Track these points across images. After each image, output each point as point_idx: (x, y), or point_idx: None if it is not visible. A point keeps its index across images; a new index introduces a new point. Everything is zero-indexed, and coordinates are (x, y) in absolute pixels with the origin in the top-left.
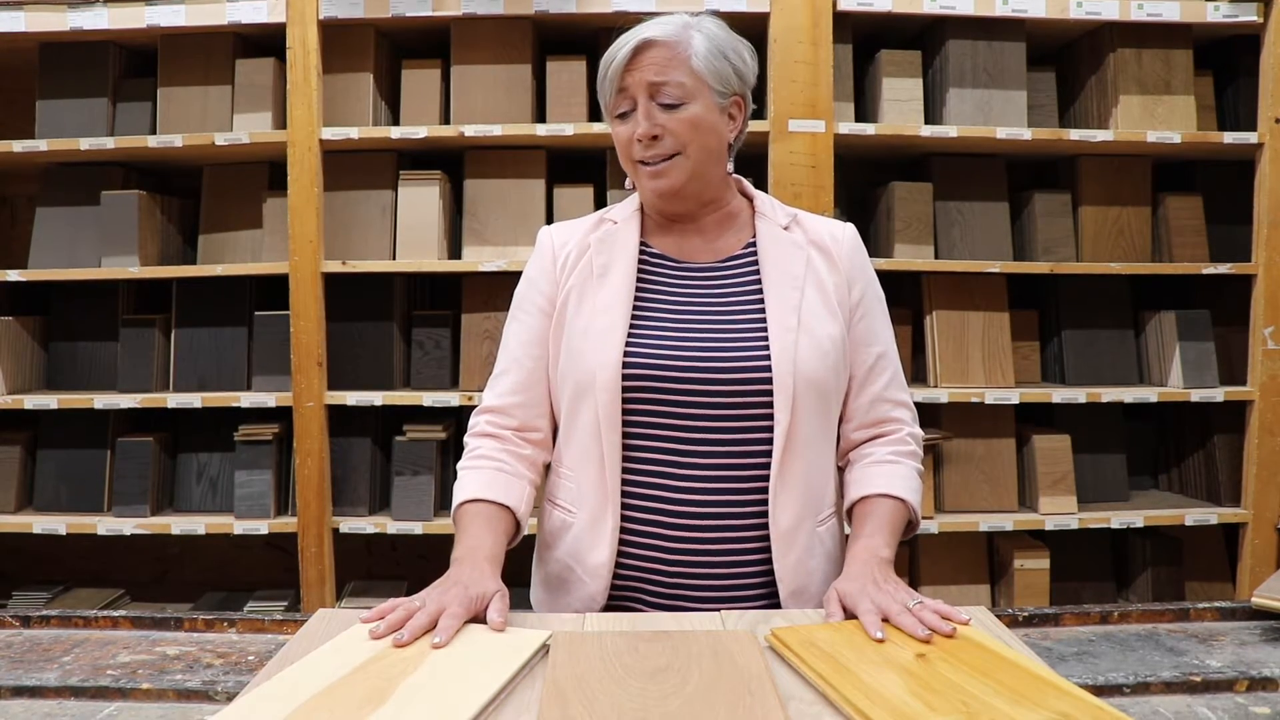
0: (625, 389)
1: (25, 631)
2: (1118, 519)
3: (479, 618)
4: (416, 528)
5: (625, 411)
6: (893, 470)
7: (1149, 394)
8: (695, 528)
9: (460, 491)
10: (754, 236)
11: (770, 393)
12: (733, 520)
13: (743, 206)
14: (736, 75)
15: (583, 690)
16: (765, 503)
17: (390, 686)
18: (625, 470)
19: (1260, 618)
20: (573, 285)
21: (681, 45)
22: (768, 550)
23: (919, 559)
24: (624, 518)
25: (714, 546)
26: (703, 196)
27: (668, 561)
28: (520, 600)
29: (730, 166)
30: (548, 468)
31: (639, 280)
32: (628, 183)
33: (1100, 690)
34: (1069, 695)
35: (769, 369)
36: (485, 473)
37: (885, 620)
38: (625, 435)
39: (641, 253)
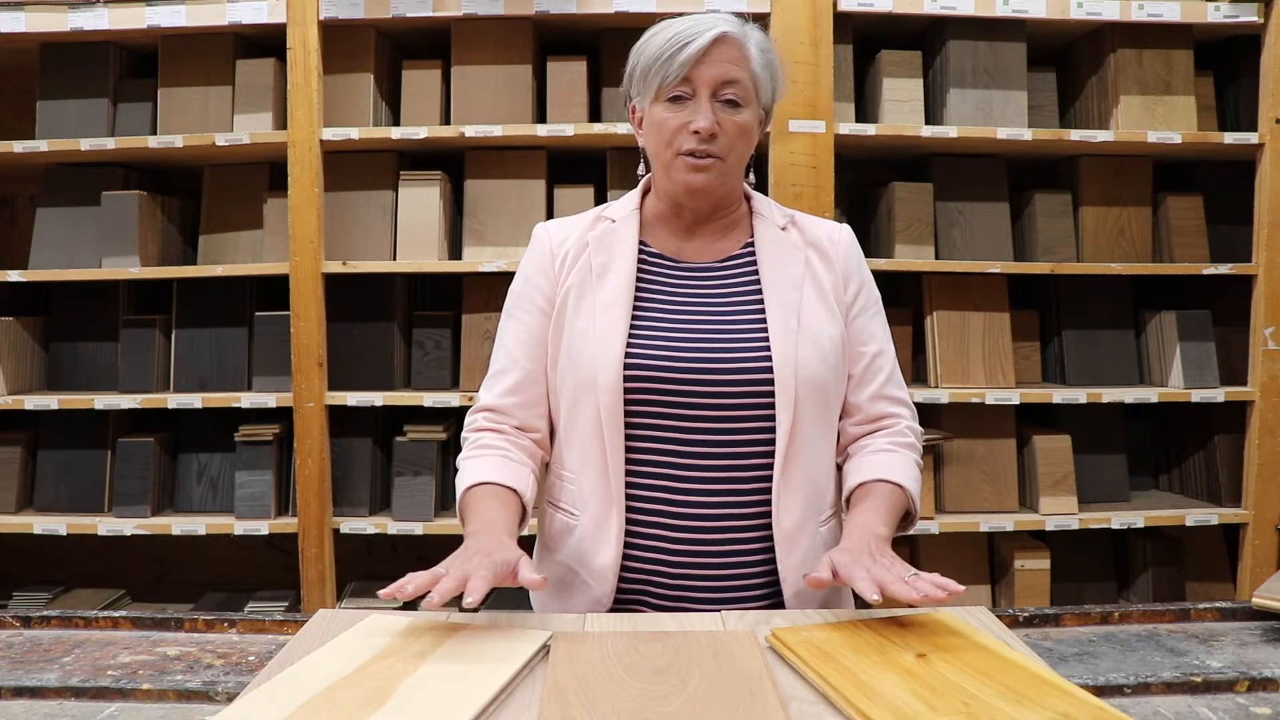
0: (627, 391)
1: (26, 632)
2: (1118, 519)
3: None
4: (417, 528)
5: (627, 414)
6: (890, 458)
7: (1150, 394)
8: (699, 529)
9: (466, 477)
10: (751, 237)
11: (772, 394)
12: (736, 521)
13: (743, 208)
14: (774, 91)
15: (583, 690)
16: (768, 503)
17: (390, 687)
18: (628, 472)
19: (1261, 618)
20: (572, 284)
21: (745, 47)
22: (771, 550)
23: (920, 559)
24: (628, 520)
25: (718, 548)
26: (723, 200)
27: (672, 563)
28: (523, 599)
29: (752, 177)
30: (546, 467)
31: (638, 280)
32: (640, 169)
33: (1101, 690)
34: (1070, 695)
35: (770, 370)
36: (491, 459)
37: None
38: (627, 437)
39: (640, 252)
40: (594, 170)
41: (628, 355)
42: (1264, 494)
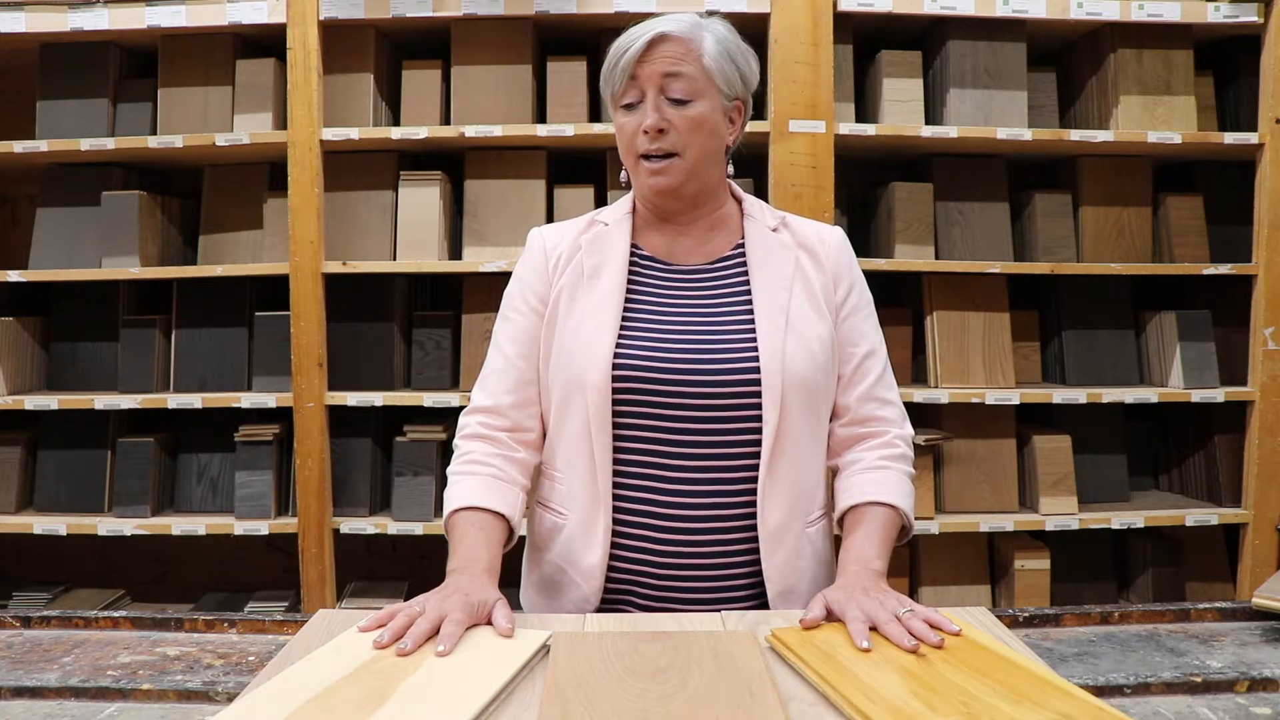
0: (615, 390)
1: (26, 632)
2: (1118, 519)
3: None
4: (417, 528)
5: (615, 413)
6: (882, 476)
7: (1149, 394)
8: (686, 529)
9: (454, 498)
10: (743, 238)
11: (759, 393)
12: (723, 521)
13: (733, 209)
14: (741, 79)
15: (583, 690)
16: (754, 503)
17: (390, 687)
18: (616, 472)
19: (1261, 618)
20: (564, 286)
21: (694, 42)
22: (757, 550)
23: (919, 559)
24: (615, 519)
25: (705, 548)
26: (699, 198)
27: (659, 563)
28: (512, 601)
29: (730, 169)
30: (538, 469)
31: (629, 282)
32: (623, 175)
33: (1101, 691)
34: (1070, 696)
35: (757, 369)
36: (479, 479)
37: (874, 629)
38: (615, 437)
39: (632, 254)
40: (594, 170)
41: (616, 356)
42: (1264, 494)
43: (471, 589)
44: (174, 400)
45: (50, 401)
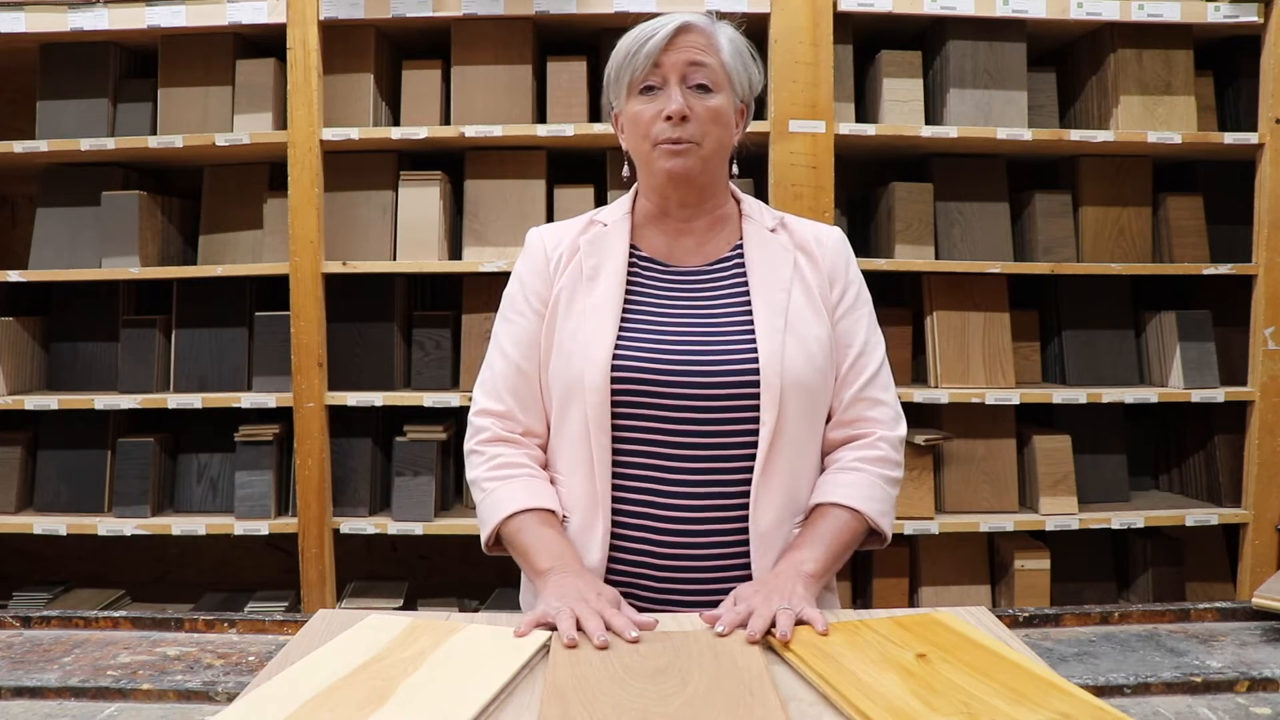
0: (614, 392)
1: (26, 632)
2: (1118, 519)
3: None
4: (417, 528)
5: (614, 415)
6: (852, 479)
7: (1149, 394)
8: (684, 530)
9: (506, 501)
10: (741, 239)
11: (757, 395)
12: (719, 522)
13: (733, 209)
14: (749, 82)
15: (583, 690)
16: (748, 504)
17: (390, 687)
18: (615, 474)
19: (1261, 618)
20: (563, 287)
21: (714, 37)
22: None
23: (919, 559)
24: (614, 521)
25: (701, 549)
26: (706, 191)
27: (657, 566)
28: (510, 601)
29: (735, 169)
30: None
31: (628, 284)
32: (625, 171)
33: (1101, 691)
34: (1069, 695)
35: (756, 371)
36: (522, 481)
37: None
38: (614, 439)
39: (631, 256)
40: (594, 170)
41: (615, 357)
42: (1264, 494)
43: (598, 588)
44: (174, 400)
45: (50, 401)
